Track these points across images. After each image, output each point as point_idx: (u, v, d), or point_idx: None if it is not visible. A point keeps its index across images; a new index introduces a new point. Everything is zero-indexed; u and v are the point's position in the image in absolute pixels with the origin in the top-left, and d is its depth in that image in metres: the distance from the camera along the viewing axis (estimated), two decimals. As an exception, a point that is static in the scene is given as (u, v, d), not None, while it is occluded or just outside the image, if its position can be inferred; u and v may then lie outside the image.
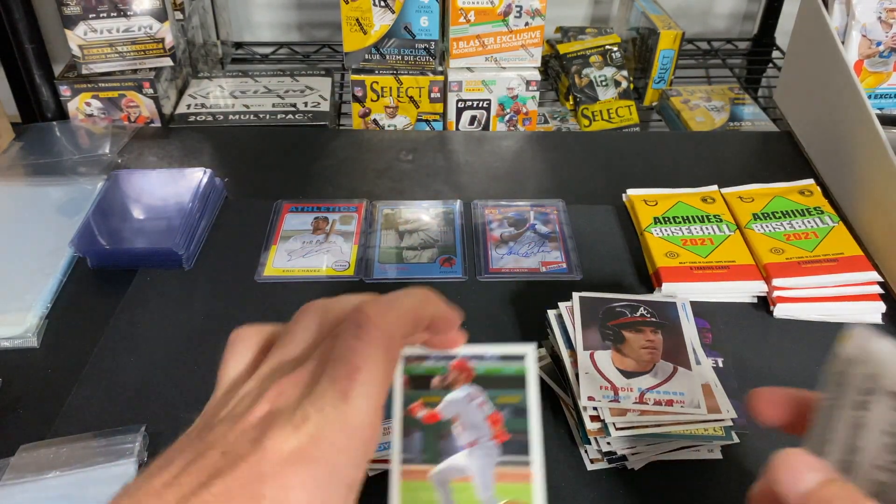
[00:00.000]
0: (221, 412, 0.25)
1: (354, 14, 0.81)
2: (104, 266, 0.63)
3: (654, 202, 0.69)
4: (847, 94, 0.68)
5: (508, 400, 0.33)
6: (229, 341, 0.29)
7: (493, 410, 0.33)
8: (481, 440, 0.32)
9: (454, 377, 0.33)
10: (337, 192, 0.74)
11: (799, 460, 0.29)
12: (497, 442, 0.32)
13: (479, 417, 0.33)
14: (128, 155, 0.79)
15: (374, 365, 0.25)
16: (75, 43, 0.80)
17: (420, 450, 0.32)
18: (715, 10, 1.19)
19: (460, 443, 0.32)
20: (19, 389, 0.52)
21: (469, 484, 0.32)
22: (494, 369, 0.33)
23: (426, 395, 0.33)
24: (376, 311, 0.26)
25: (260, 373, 0.26)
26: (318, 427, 0.23)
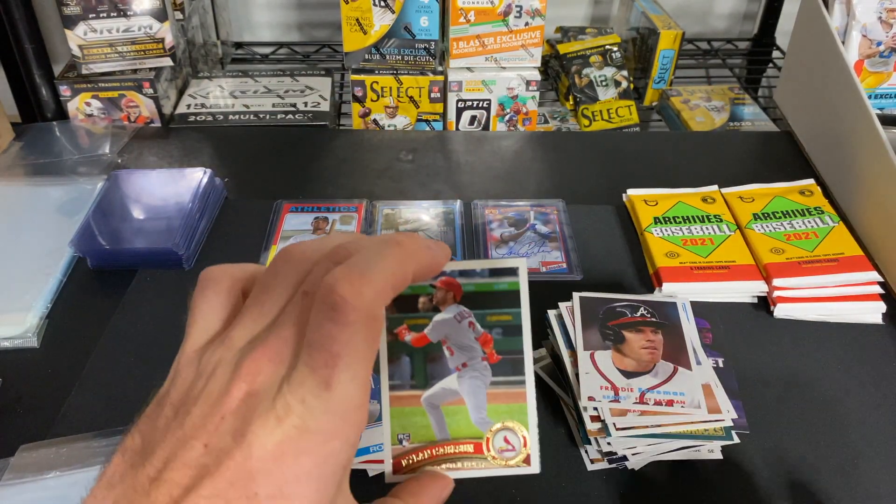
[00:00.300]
0: (197, 385, 0.24)
1: (354, 14, 0.81)
2: (104, 266, 0.63)
3: (654, 202, 0.69)
4: (847, 94, 0.68)
5: (500, 318, 0.32)
6: (199, 283, 0.26)
7: (484, 331, 0.31)
8: (472, 361, 0.31)
9: (441, 296, 0.31)
10: (337, 192, 0.74)
11: None
12: (489, 363, 0.31)
13: (469, 338, 0.31)
14: (128, 155, 0.79)
15: (355, 348, 0.23)
16: (75, 43, 0.80)
17: (409, 375, 0.31)
18: (715, 9, 1.19)
19: (451, 365, 0.31)
20: (19, 389, 0.52)
21: (461, 406, 0.31)
22: (484, 286, 0.31)
23: (412, 318, 0.31)
24: (351, 290, 0.23)
25: (232, 336, 0.24)
26: (302, 418, 0.22)
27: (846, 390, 0.52)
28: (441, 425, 0.31)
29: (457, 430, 0.31)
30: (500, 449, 0.31)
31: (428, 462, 0.30)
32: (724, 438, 0.45)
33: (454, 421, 0.31)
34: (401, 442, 0.31)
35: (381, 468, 0.36)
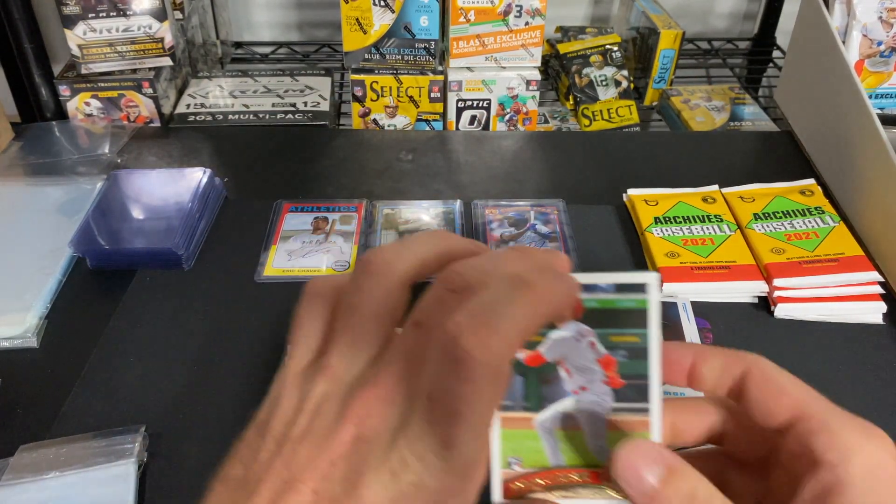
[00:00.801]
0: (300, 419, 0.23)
1: (354, 14, 0.81)
2: (104, 266, 0.63)
3: (654, 202, 0.68)
4: (848, 93, 0.68)
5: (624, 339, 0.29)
6: (305, 296, 0.25)
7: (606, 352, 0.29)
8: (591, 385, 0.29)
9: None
10: (337, 192, 0.74)
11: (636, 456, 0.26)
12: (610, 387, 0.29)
13: (588, 359, 0.28)
14: (127, 155, 0.79)
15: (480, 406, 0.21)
16: (75, 43, 0.80)
17: (522, 396, 0.28)
18: (715, 9, 1.19)
19: (568, 388, 0.28)
20: (19, 390, 0.52)
21: (578, 433, 0.29)
22: (608, 302, 0.28)
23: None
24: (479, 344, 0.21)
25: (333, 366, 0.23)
26: (419, 476, 0.21)
27: (846, 390, 0.52)
28: (555, 451, 0.28)
29: (572, 458, 0.28)
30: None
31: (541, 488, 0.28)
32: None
33: (569, 447, 0.29)
34: (511, 465, 0.29)
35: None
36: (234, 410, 0.50)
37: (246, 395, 0.52)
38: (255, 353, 0.55)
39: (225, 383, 0.53)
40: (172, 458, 0.47)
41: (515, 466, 0.28)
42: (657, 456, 0.26)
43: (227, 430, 0.49)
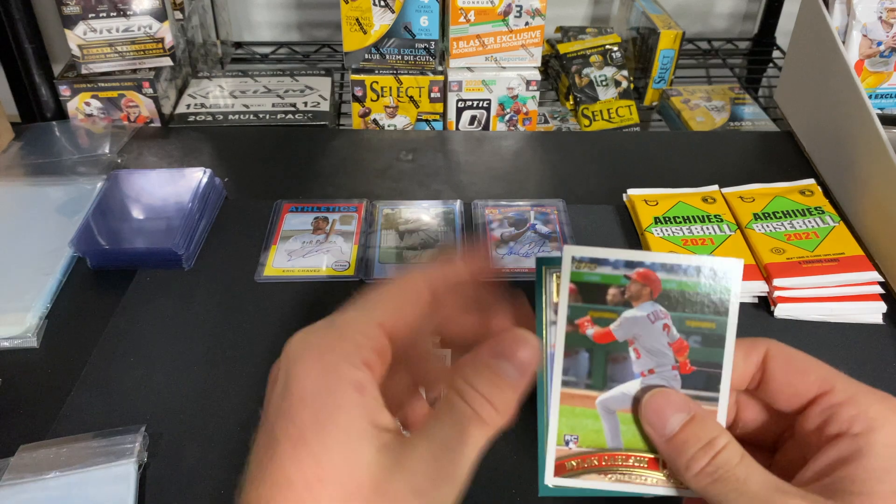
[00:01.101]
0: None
1: (354, 14, 0.81)
2: (104, 266, 0.63)
3: (654, 202, 0.68)
4: (848, 93, 0.68)
5: (700, 325, 0.28)
6: None
7: (680, 336, 0.28)
8: (660, 369, 0.28)
9: (636, 291, 0.28)
10: (337, 192, 0.74)
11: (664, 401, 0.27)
12: (679, 373, 0.28)
13: (661, 342, 0.28)
14: (127, 155, 0.79)
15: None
16: (75, 43, 0.80)
17: (585, 372, 0.28)
18: (715, 9, 1.19)
19: (635, 369, 0.28)
20: (19, 390, 0.52)
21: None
22: (689, 285, 0.27)
23: (598, 310, 0.28)
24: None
25: None
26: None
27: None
28: (615, 433, 0.28)
29: (631, 441, 0.28)
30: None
31: (595, 469, 0.28)
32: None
33: (630, 430, 0.28)
34: (567, 444, 0.29)
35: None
36: (234, 410, 0.50)
37: (246, 395, 0.52)
38: (256, 353, 0.55)
39: (225, 383, 0.53)
40: (172, 458, 0.47)
41: (571, 445, 0.28)
42: (682, 404, 0.27)
43: (228, 430, 0.49)
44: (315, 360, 0.26)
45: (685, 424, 0.27)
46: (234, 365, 0.54)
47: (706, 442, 0.27)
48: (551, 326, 0.29)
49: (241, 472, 0.47)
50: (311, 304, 0.60)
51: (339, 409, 0.24)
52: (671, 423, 0.27)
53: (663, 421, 0.27)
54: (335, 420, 0.24)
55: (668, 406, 0.27)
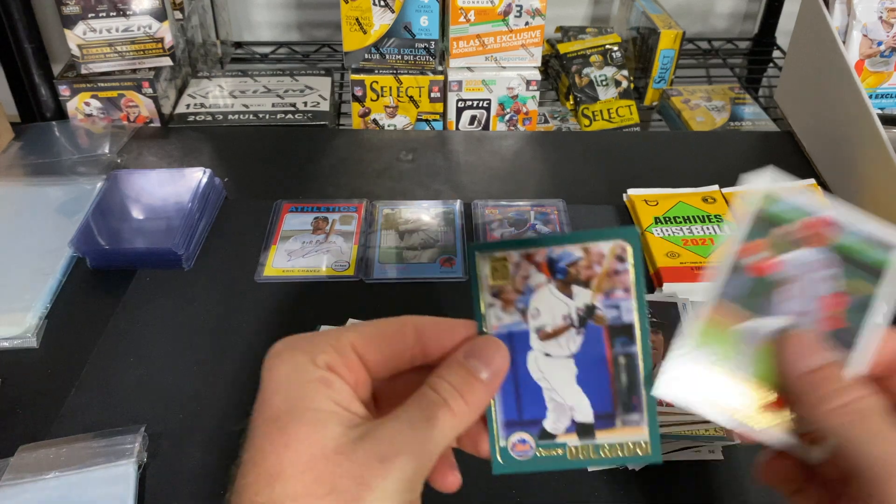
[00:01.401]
0: None
1: (354, 13, 0.81)
2: (104, 266, 0.63)
3: (654, 202, 0.68)
4: (848, 93, 0.68)
5: (859, 287, 0.28)
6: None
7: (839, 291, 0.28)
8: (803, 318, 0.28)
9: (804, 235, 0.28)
10: (337, 192, 0.74)
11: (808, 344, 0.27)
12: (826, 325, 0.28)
13: (818, 291, 0.28)
14: (127, 155, 0.79)
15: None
16: (74, 42, 0.80)
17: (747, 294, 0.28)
18: (715, 9, 1.19)
19: (786, 308, 0.28)
20: (19, 390, 0.52)
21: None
22: (856, 247, 0.28)
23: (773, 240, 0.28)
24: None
25: None
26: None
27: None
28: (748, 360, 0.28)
29: (763, 374, 0.28)
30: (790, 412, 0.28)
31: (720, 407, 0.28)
32: (725, 439, 0.45)
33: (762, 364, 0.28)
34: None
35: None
36: (233, 410, 0.50)
37: (246, 395, 0.51)
38: (256, 353, 0.55)
39: (225, 383, 0.52)
40: (172, 458, 0.47)
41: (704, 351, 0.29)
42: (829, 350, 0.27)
43: (227, 430, 0.49)
44: (287, 357, 0.28)
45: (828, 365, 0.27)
46: (234, 365, 0.54)
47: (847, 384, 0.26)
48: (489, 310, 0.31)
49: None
50: (310, 304, 0.60)
51: (307, 394, 0.27)
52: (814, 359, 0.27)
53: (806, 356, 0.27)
54: (304, 402, 0.26)
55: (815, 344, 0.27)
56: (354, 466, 0.25)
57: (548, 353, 0.31)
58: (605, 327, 0.30)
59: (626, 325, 0.30)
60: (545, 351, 0.31)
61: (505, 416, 0.30)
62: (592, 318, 0.30)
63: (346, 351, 0.28)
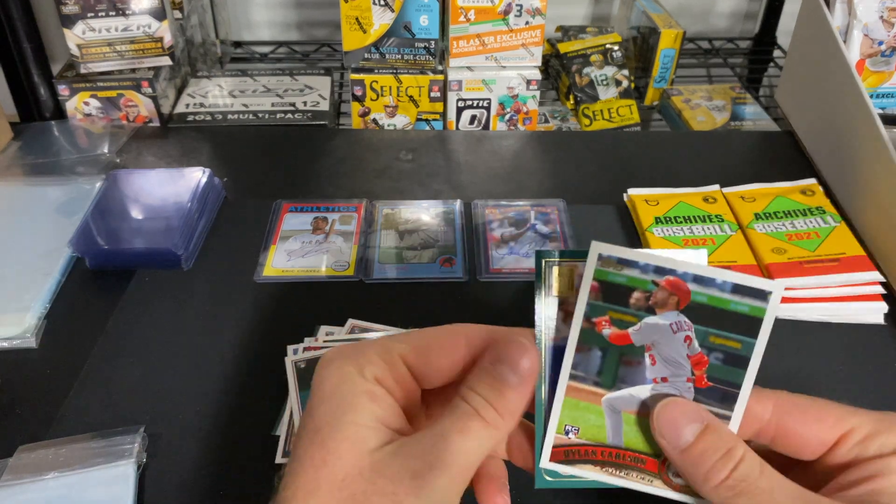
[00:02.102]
0: None
1: (354, 13, 0.81)
2: (103, 266, 0.63)
3: (655, 202, 0.68)
4: (849, 93, 0.68)
5: (725, 343, 0.27)
6: None
7: (700, 351, 0.27)
8: (674, 379, 0.28)
9: (662, 298, 0.27)
10: (337, 191, 0.74)
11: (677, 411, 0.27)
12: (694, 385, 0.28)
13: (680, 353, 0.27)
14: (126, 154, 0.79)
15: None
16: (73, 42, 0.79)
17: (596, 370, 0.28)
18: (716, 9, 1.19)
19: (648, 375, 0.28)
20: (18, 390, 0.52)
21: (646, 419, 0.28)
22: (720, 301, 0.27)
23: (618, 312, 0.28)
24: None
25: None
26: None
27: (847, 391, 0.52)
28: (617, 431, 0.28)
29: (632, 442, 0.28)
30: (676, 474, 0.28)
31: (592, 460, 0.28)
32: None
33: (633, 431, 0.28)
34: (567, 434, 0.29)
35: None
36: (233, 411, 0.50)
37: (245, 394, 0.51)
38: (255, 353, 0.55)
39: (224, 383, 0.52)
40: (172, 458, 0.47)
41: (571, 435, 0.29)
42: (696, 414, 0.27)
43: (227, 430, 0.49)
44: (336, 368, 0.28)
45: (700, 435, 0.27)
46: (233, 365, 0.54)
47: (723, 452, 0.26)
48: (549, 321, 0.29)
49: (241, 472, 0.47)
50: (310, 304, 0.59)
51: (352, 407, 0.27)
52: (685, 433, 0.27)
53: (677, 432, 0.27)
54: (347, 416, 0.26)
55: (681, 416, 0.27)
56: (387, 483, 0.25)
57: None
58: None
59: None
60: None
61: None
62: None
63: (395, 362, 0.28)
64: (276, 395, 0.51)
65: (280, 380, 0.52)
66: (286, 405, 0.50)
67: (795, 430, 0.28)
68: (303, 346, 0.53)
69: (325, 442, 0.26)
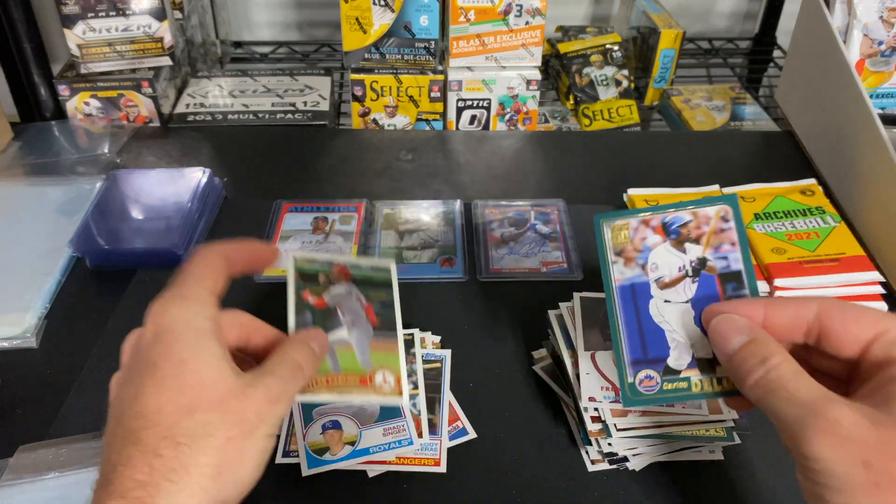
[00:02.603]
0: None
1: (354, 13, 0.81)
2: (103, 266, 0.63)
3: (655, 202, 0.68)
4: (848, 93, 0.68)
5: (378, 296, 0.44)
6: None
7: (368, 303, 0.44)
8: (358, 321, 0.43)
9: (335, 276, 0.44)
10: (337, 191, 0.74)
11: (728, 325, 0.34)
12: (370, 324, 0.43)
13: (357, 306, 0.43)
14: (126, 154, 0.79)
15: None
16: (74, 42, 0.80)
17: (311, 325, 0.41)
18: (716, 9, 1.19)
19: (343, 322, 0.42)
20: (18, 390, 0.52)
21: (351, 351, 0.41)
22: (367, 275, 0.45)
23: (313, 287, 0.43)
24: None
25: None
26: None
27: (848, 391, 0.52)
28: (335, 363, 0.40)
29: (347, 366, 0.40)
30: (379, 384, 0.41)
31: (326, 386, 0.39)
32: (726, 439, 0.45)
33: (344, 359, 0.41)
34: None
35: (381, 469, 0.47)
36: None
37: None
38: (255, 354, 0.55)
39: (224, 384, 0.52)
40: (172, 458, 0.47)
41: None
42: (745, 327, 0.33)
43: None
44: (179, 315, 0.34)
45: (745, 344, 0.32)
46: (233, 365, 0.54)
47: (760, 359, 0.32)
48: (612, 265, 0.39)
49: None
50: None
51: (205, 344, 0.34)
52: (733, 342, 0.33)
53: (726, 341, 0.33)
54: (204, 350, 0.33)
55: (729, 329, 0.33)
56: (254, 404, 0.33)
57: (667, 300, 0.37)
58: (717, 275, 0.37)
59: (735, 272, 0.37)
60: (665, 298, 0.37)
61: (632, 356, 0.37)
62: (705, 268, 0.37)
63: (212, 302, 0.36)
64: (276, 394, 0.51)
65: (280, 380, 0.52)
66: (286, 405, 0.50)
67: (835, 330, 0.32)
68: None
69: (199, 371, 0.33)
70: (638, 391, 0.36)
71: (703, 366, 0.36)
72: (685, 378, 0.36)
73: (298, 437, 0.47)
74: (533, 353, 0.54)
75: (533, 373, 0.53)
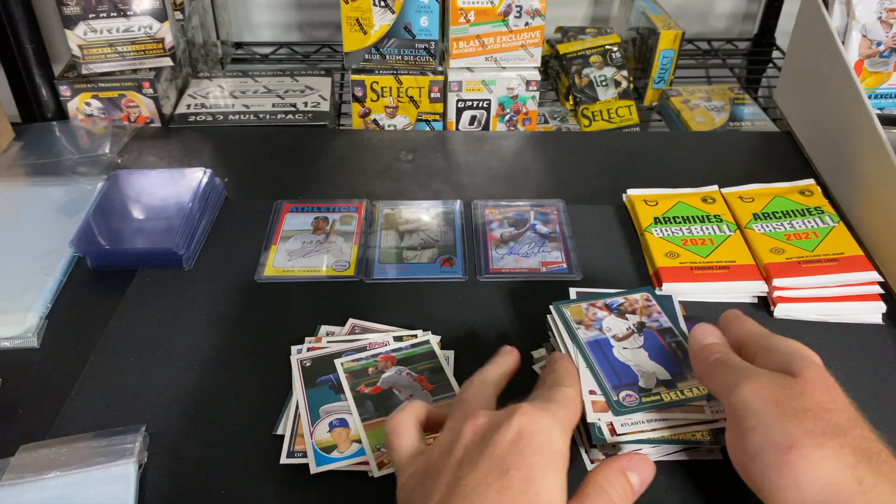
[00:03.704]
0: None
1: (354, 14, 0.81)
2: (104, 266, 0.63)
3: (654, 202, 0.69)
4: (847, 94, 0.68)
5: (425, 367, 0.51)
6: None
7: (419, 375, 0.51)
8: (416, 393, 0.50)
9: (383, 365, 0.51)
10: (337, 192, 0.74)
11: (705, 329, 0.46)
12: (427, 391, 0.50)
13: (409, 381, 0.50)
14: (128, 155, 0.79)
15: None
16: (75, 43, 0.80)
17: (373, 411, 0.48)
18: (715, 9, 1.19)
19: (402, 398, 0.49)
20: (19, 390, 0.52)
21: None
22: (409, 353, 0.53)
23: (366, 380, 0.50)
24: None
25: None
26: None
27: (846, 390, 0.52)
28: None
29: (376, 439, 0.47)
30: None
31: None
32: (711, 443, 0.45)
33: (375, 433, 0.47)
34: (379, 450, 0.46)
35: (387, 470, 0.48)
36: (234, 410, 0.50)
37: (246, 394, 0.52)
38: (256, 353, 0.55)
39: (225, 383, 0.53)
40: (172, 458, 0.47)
41: (382, 449, 0.46)
42: (714, 331, 0.46)
43: (228, 430, 0.49)
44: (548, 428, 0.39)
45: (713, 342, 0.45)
46: (233, 365, 0.54)
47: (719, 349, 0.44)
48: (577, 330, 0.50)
49: (242, 472, 0.47)
50: (310, 304, 0.60)
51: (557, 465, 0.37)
52: (709, 338, 0.45)
53: (705, 336, 0.45)
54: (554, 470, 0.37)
55: (707, 332, 0.46)
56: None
57: (625, 347, 0.48)
58: (656, 331, 0.50)
59: (667, 328, 0.50)
60: (623, 346, 0.48)
61: (610, 383, 0.46)
62: (645, 327, 0.50)
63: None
64: (277, 394, 0.51)
65: (281, 379, 0.52)
66: (287, 405, 0.50)
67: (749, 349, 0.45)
68: (307, 345, 0.54)
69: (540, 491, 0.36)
70: (623, 405, 0.45)
71: (667, 384, 0.46)
72: (657, 393, 0.46)
73: (306, 435, 0.47)
74: (533, 352, 0.54)
75: (533, 373, 0.53)
